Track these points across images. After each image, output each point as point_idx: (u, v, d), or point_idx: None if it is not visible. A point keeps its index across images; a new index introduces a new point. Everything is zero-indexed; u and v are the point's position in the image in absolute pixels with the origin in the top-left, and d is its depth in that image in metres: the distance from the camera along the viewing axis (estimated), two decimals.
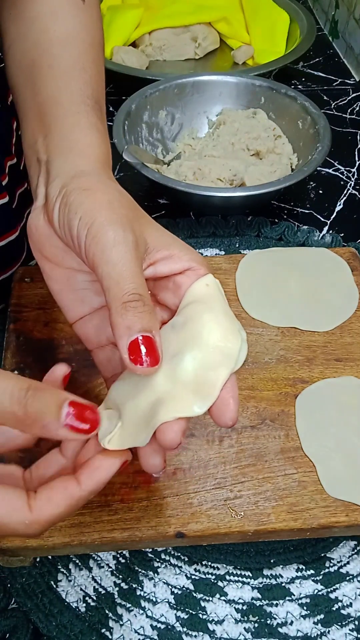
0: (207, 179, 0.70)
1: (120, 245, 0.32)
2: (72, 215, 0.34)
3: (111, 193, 0.35)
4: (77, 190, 0.34)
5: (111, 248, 0.32)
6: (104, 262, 0.32)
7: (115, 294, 0.31)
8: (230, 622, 0.41)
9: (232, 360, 0.31)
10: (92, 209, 0.33)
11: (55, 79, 0.41)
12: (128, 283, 0.31)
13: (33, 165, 0.40)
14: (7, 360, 0.49)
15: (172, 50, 1.01)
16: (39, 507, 0.29)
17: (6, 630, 0.40)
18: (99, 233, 0.32)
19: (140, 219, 0.35)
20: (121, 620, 0.41)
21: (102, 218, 0.33)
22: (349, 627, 0.41)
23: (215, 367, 0.31)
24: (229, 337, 0.32)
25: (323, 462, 0.44)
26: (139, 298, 0.31)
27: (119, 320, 0.30)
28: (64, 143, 0.38)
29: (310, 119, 0.73)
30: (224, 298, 0.34)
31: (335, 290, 0.56)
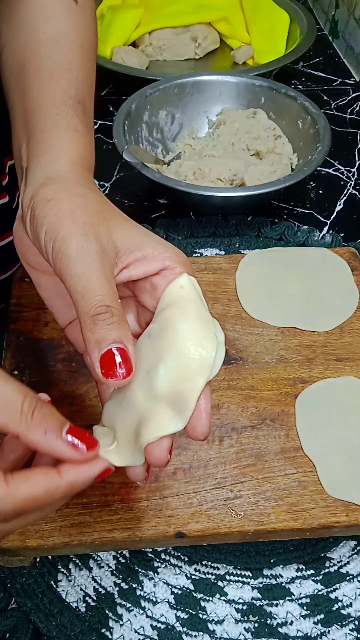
0: (207, 179, 0.70)
1: (83, 257, 0.31)
2: (39, 229, 0.33)
3: (74, 201, 0.34)
4: (42, 202, 0.34)
5: (75, 261, 0.31)
6: (70, 276, 0.31)
7: (82, 308, 0.31)
8: (230, 622, 0.41)
9: (207, 369, 0.31)
10: (55, 221, 0.33)
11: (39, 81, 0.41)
12: (94, 296, 0.30)
13: (19, 171, 0.40)
14: (7, 360, 0.49)
15: (172, 50, 1.01)
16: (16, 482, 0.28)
17: (6, 630, 0.40)
18: (62, 246, 0.32)
19: (109, 222, 0.34)
20: (121, 620, 0.41)
21: (64, 231, 0.32)
22: (349, 627, 0.41)
23: (191, 378, 0.31)
24: (204, 343, 0.31)
25: (323, 462, 0.44)
26: (105, 310, 0.30)
27: (88, 335, 0.30)
28: (40, 148, 0.38)
29: (310, 119, 0.73)
30: (201, 298, 0.33)
31: (335, 290, 0.55)
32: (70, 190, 0.35)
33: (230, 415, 0.46)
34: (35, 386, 0.47)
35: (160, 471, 0.43)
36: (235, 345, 0.51)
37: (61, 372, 0.48)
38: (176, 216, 0.69)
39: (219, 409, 0.47)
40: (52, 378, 0.48)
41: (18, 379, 0.48)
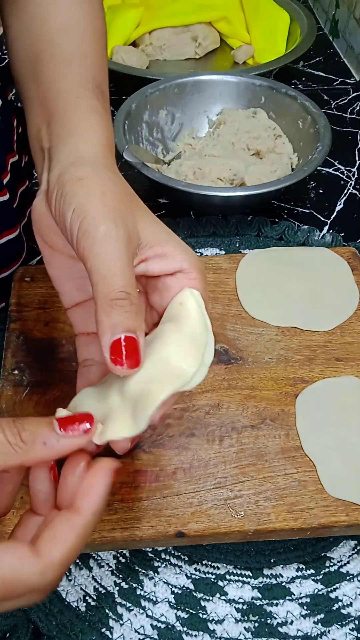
0: (208, 179, 0.70)
1: (110, 240, 0.31)
2: (66, 207, 0.33)
3: (105, 184, 0.34)
4: (72, 180, 0.34)
5: (101, 242, 0.31)
6: (93, 256, 0.31)
7: (102, 290, 0.30)
8: (231, 621, 0.41)
9: (180, 381, 0.31)
10: (85, 201, 0.32)
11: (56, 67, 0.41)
12: (116, 280, 0.30)
13: (37, 154, 0.40)
14: (7, 360, 0.49)
15: (173, 49, 1.01)
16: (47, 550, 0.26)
17: (6, 630, 0.40)
18: (90, 227, 0.31)
19: (136, 212, 0.34)
20: (121, 619, 0.41)
21: (94, 211, 0.32)
22: (349, 627, 0.41)
23: (160, 383, 0.30)
24: (187, 360, 0.31)
25: (323, 461, 0.44)
26: (126, 296, 0.30)
27: (103, 318, 0.30)
28: (65, 128, 0.38)
29: (311, 119, 0.73)
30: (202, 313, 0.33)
31: (336, 290, 0.55)
32: (101, 174, 0.34)
33: (231, 415, 0.46)
34: (35, 386, 0.47)
35: (161, 471, 0.43)
36: (236, 344, 0.51)
37: (61, 372, 0.48)
38: (176, 216, 0.69)
39: (219, 408, 0.47)
40: (52, 378, 0.48)
41: (18, 378, 0.48)
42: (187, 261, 0.34)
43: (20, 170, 0.61)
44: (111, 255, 0.31)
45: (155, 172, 0.66)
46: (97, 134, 0.38)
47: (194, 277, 0.34)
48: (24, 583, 0.26)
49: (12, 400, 0.47)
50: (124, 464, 0.43)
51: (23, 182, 0.62)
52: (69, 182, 0.34)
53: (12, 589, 0.26)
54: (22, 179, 0.62)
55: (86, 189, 0.33)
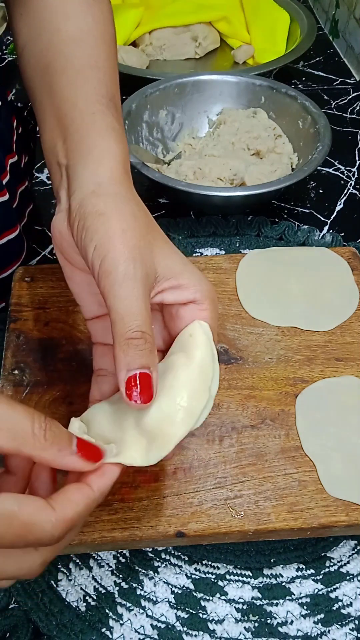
0: (208, 179, 0.70)
1: (129, 281, 0.33)
2: (88, 242, 0.35)
3: (126, 220, 0.35)
4: (93, 215, 0.35)
5: (120, 284, 0.33)
6: (112, 295, 0.33)
7: (120, 328, 0.32)
8: (231, 621, 0.41)
9: (192, 419, 0.33)
10: (106, 240, 0.34)
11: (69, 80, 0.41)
12: (133, 320, 0.32)
13: (54, 168, 0.41)
14: (7, 360, 0.49)
15: (173, 49, 1.01)
16: (61, 506, 0.29)
17: (6, 630, 0.40)
18: (110, 266, 0.33)
19: (154, 247, 0.35)
20: (121, 619, 0.41)
21: (114, 252, 0.34)
22: (349, 627, 0.41)
23: (175, 424, 0.33)
24: (196, 396, 0.34)
25: (323, 461, 0.44)
26: (141, 336, 0.32)
27: (120, 355, 0.32)
28: (82, 148, 0.39)
29: (311, 119, 0.73)
30: (209, 346, 0.35)
31: (336, 290, 0.55)
32: (121, 206, 0.36)
33: (231, 415, 0.46)
34: (36, 386, 0.47)
35: (161, 470, 0.43)
36: (236, 344, 0.51)
37: (61, 371, 0.48)
38: (176, 216, 0.69)
39: (219, 408, 0.47)
40: (52, 378, 0.48)
41: (18, 378, 0.48)
42: (199, 292, 0.36)
43: (20, 171, 0.61)
44: (129, 296, 0.33)
45: (155, 172, 0.66)
46: (115, 154, 0.39)
47: (205, 308, 0.36)
48: (39, 528, 0.28)
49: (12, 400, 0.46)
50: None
51: (22, 182, 0.62)
52: (90, 216, 0.35)
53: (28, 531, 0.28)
54: (21, 180, 0.62)
55: (107, 227, 0.35)
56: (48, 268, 0.55)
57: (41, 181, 0.77)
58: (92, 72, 0.41)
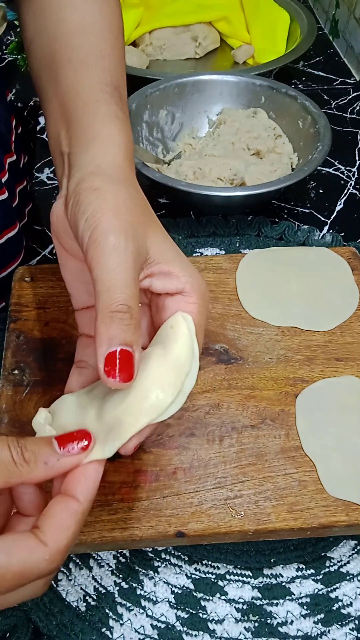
0: (208, 179, 0.70)
1: (118, 252, 0.31)
2: (80, 215, 0.33)
3: (120, 196, 0.34)
4: (88, 190, 0.34)
5: (109, 254, 0.31)
6: (99, 266, 0.31)
7: (104, 300, 0.30)
8: (231, 621, 0.41)
9: (156, 412, 0.31)
10: (98, 211, 0.33)
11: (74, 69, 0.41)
12: (119, 292, 0.30)
13: (57, 158, 0.40)
14: (7, 360, 0.49)
15: (173, 49, 1.01)
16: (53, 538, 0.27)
17: (6, 630, 0.40)
18: (100, 237, 0.32)
19: (148, 228, 0.34)
20: (121, 619, 0.41)
21: (105, 222, 0.32)
22: (349, 627, 0.41)
23: (136, 414, 0.31)
24: (166, 388, 0.32)
25: (323, 461, 0.44)
26: (126, 310, 0.30)
27: (102, 329, 0.30)
28: (84, 135, 0.38)
29: (311, 119, 0.73)
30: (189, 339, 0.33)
31: (336, 290, 0.55)
32: (118, 186, 0.35)
33: (231, 415, 0.46)
34: (35, 386, 0.47)
35: (161, 470, 0.43)
36: (236, 344, 0.51)
37: (61, 371, 0.48)
38: (176, 216, 0.69)
39: (219, 408, 0.47)
40: (52, 378, 0.48)
41: (18, 378, 0.48)
42: (189, 283, 0.34)
43: (19, 170, 0.61)
44: (117, 267, 0.31)
45: (155, 172, 0.66)
46: (117, 141, 0.38)
47: (193, 301, 0.34)
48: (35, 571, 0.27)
49: (12, 400, 0.47)
50: (124, 464, 0.43)
51: (21, 181, 0.62)
52: (85, 191, 0.34)
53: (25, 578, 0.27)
54: (20, 179, 0.62)
55: (101, 200, 0.33)
56: (48, 268, 0.55)
57: (41, 181, 0.77)
58: (97, 61, 0.41)
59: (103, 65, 0.41)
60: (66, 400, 0.35)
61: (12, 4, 0.49)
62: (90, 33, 0.42)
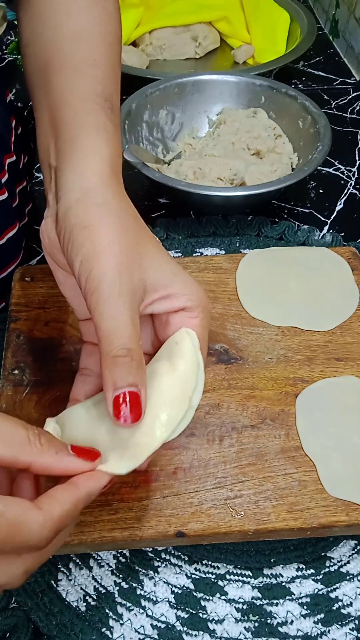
0: (208, 179, 0.70)
1: (114, 299, 0.32)
2: (74, 257, 0.34)
3: (112, 232, 0.34)
4: (78, 228, 0.34)
5: (105, 301, 0.32)
6: (98, 313, 0.32)
7: (106, 347, 0.32)
8: (231, 621, 0.41)
9: (168, 431, 0.33)
10: (91, 255, 0.33)
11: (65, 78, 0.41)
12: (118, 338, 0.32)
13: (45, 170, 0.40)
14: (7, 359, 0.49)
15: (173, 49, 1.01)
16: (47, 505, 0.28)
17: (6, 630, 0.40)
18: (95, 284, 0.33)
19: (143, 259, 0.35)
20: (121, 619, 0.41)
21: (98, 268, 0.33)
22: (349, 627, 0.41)
23: (151, 435, 0.32)
24: (175, 405, 0.33)
25: (323, 461, 0.44)
26: (127, 353, 0.31)
27: (106, 374, 0.32)
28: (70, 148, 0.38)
29: (311, 119, 0.73)
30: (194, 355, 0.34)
31: (336, 290, 0.55)
32: (107, 218, 0.35)
33: (231, 415, 0.46)
34: (35, 386, 0.47)
35: (161, 470, 0.43)
36: (236, 344, 0.51)
37: (61, 371, 0.48)
38: (176, 216, 0.69)
39: (219, 408, 0.47)
40: (52, 378, 0.48)
41: (18, 378, 0.48)
42: (190, 300, 0.35)
43: (19, 171, 0.61)
44: (114, 314, 0.32)
45: (155, 172, 0.66)
46: (102, 156, 0.38)
47: (195, 316, 0.35)
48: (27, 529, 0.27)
49: (12, 400, 0.47)
50: None
51: (21, 181, 0.62)
52: (75, 229, 0.35)
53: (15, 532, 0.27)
54: (20, 179, 0.62)
55: (92, 241, 0.34)
56: (48, 268, 0.55)
57: (41, 181, 0.77)
58: (89, 70, 0.41)
59: (95, 74, 0.41)
60: (75, 412, 0.36)
61: (12, 4, 0.49)
62: (84, 40, 0.42)
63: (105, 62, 0.42)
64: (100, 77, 0.41)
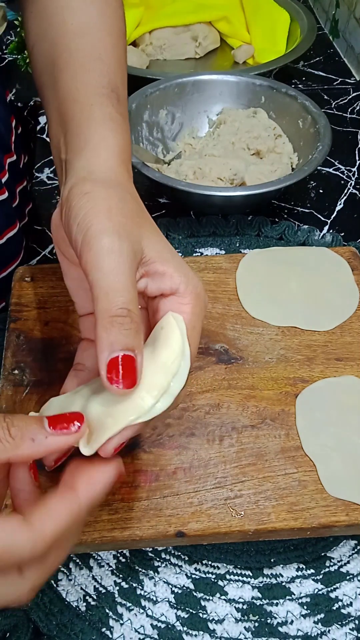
0: (208, 178, 0.70)
1: (114, 254, 0.31)
2: (72, 221, 0.33)
3: (112, 198, 0.33)
4: (79, 195, 0.34)
5: (104, 256, 0.30)
6: (95, 269, 0.30)
7: (103, 305, 0.30)
8: (231, 621, 0.41)
9: (137, 413, 0.30)
10: (89, 214, 0.32)
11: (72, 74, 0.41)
12: (118, 296, 0.30)
13: (58, 166, 0.40)
14: (7, 359, 0.49)
15: (173, 49, 1.01)
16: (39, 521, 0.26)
17: (6, 629, 0.40)
18: (92, 240, 0.31)
19: (142, 228, 0.34)
20: (121, 619, 0.41)
21: (98, 224, 0.32)
22: (349, 627, 0.41)
23: (116, 416, 0.30)
24: (151, 390, 0.31)
25: (323, 461, 0.44)
26: (126, 314, 0.30)
27: (103, 335, 0.29)
28: (79, 141, 0.38)
29: (311, 118, 0.73)
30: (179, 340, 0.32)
31: (336, 290, 0.55)
32: (110, 190, 0.34)
33: (231, 415, 0.46)
34: (36, 386, 0.47)
35: (161, 470, 0.43)
36: (236, 344, 0.51)
37: (61, 371, 0.48)
38: (176, 215, 0.69)
39: (219, 408, 0.47)
40: (52, 378, 0.48)
41: (18, 378, 0.48)
42: (183, 283, 0.34)
43: (19, 170, 0.61)
44: (114, 269, 0.30)
45: (155, 172, 0.66)
46: (110, 145, 0.38)
47: (186, 302, 0.34)
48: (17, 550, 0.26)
49: (12, 400, 0.47)
50: (124, 464, 0.43)
51: (21, 181, 0.62)
52: (76, 196, 0.34)
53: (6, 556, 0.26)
54: (20, 179, 0.62)
55: (92, 203, 0.33)
56: (48, 268, 0.55)
57: (41, 181, 0.77)
58: (95, 64, 0.41)
59: (101, 68, 0.41)
60: (53, 402, 0.35)
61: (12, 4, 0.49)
62: (89, 35, 0.42)
63: (110, 55, 0.42)
64: (105, 71, 0.41)
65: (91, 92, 0.40)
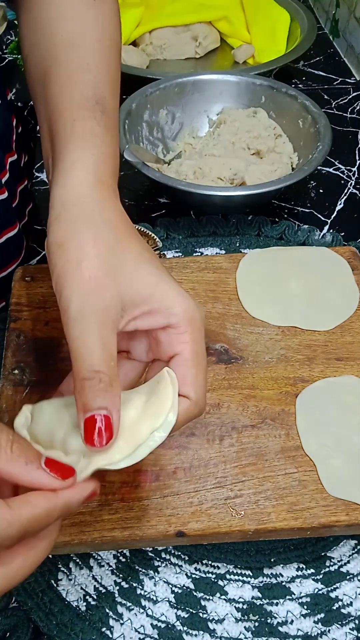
0: (208, 178, 0.70)
1: (82, 319, 0.32)
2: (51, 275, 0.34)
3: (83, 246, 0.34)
4: (54, 246, 0.35)
5: (74, 322, 0.32)
6: (68, 335, 0.32)
7: (75, 368, 0.31)
8: (231, 621, 0.41)
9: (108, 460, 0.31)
10: (62, 274, 0.33)
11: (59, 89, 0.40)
12: (85, 360, 0.31)
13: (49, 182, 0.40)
14: (7, 359, 0.49)
15: (173, 49, 1.01)
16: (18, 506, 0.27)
17: (7, 629, 0.40)
18: (65, 305, 0.32)
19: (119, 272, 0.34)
20: (122, 619, 0.41)
21: (67, 288, 0.33)
22: (350, 626, 0.41)
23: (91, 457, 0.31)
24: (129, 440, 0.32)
25: (323, 461, 0.44)
26: (94, 375, 0.31)
27: (76, 397, 0.31)
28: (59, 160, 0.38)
29: (311, 118, 0.73)
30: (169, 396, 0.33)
31: (336, 290, 0.55)
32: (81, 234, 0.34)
33: (231, 415, 0.46)
34: (36, 385, 0.47)
35: (161, 470, 0.43)
36: (236, 344, 0.51)
37: (61, 371, 0.48)
38: (177, 215, 0.69)
39: (219, 408, 0.47)
40: (52, 377, 0.48)
41: (18, 378, 0.48)
42: (174, 316, 0.34)
43: (20, 170, 0.61)
44: (81, 335, 0.32)
45: (155, 172, 0.66)
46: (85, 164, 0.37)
47: (183, 331, 0.34)
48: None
49: (12, 400, 0.47)
50: None
51: (22, 181, 0.62)
52: (51, 247, 0.35)
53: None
54: (21, 178, 0.62)
55: (64, 260, 0.34)
56: (48, 268, 0.55)
57: (41, 181, 0.77)
58: (82, 76, 0.41)
59: (88, 79, 0.40)
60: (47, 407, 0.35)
61: (12, 4, 0.49)
62: (78, 46, 0.42)
63: (99, 64, 0.41)
64: (92, 81, 0.41)
65: (75, 105, 0.39)
